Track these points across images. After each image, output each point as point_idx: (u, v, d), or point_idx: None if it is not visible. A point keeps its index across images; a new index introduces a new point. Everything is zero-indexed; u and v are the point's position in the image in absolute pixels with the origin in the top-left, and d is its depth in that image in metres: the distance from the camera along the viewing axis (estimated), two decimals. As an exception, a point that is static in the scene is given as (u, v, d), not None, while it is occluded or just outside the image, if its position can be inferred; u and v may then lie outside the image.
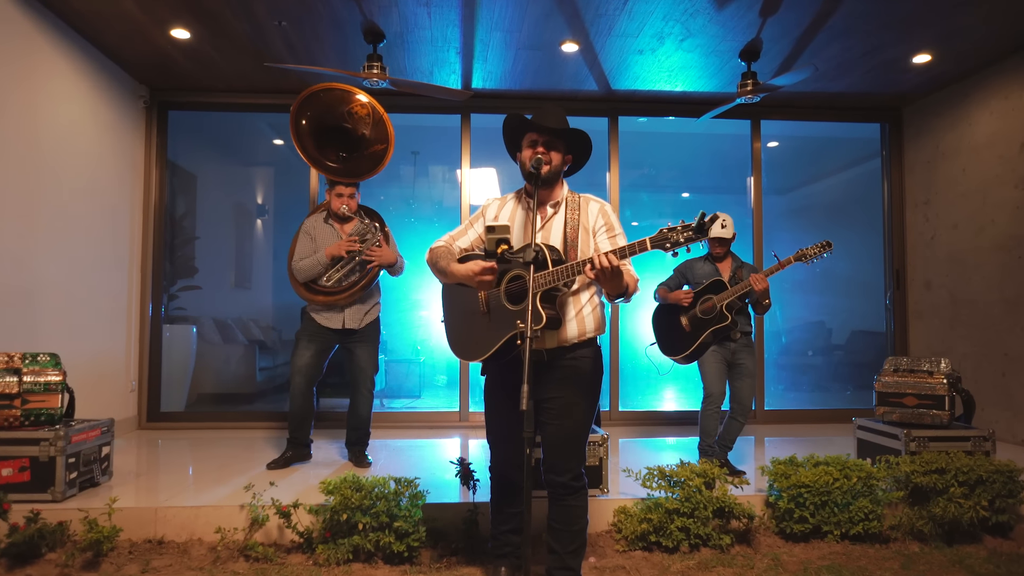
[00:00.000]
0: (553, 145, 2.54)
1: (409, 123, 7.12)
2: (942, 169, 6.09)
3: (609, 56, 5.28)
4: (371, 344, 4.43)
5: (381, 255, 4.28)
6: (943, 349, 6.03)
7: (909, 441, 3.85)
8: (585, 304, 2.58)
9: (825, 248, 3.91)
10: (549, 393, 2.57)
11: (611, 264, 2.24)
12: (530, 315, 2.16)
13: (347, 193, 4.33)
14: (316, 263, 4.23)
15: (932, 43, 5.07)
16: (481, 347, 2.56)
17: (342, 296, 4.26)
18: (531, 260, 2.25)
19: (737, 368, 4.19)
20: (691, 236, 2.13)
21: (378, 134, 4.37)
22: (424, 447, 5.29)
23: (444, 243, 2.74)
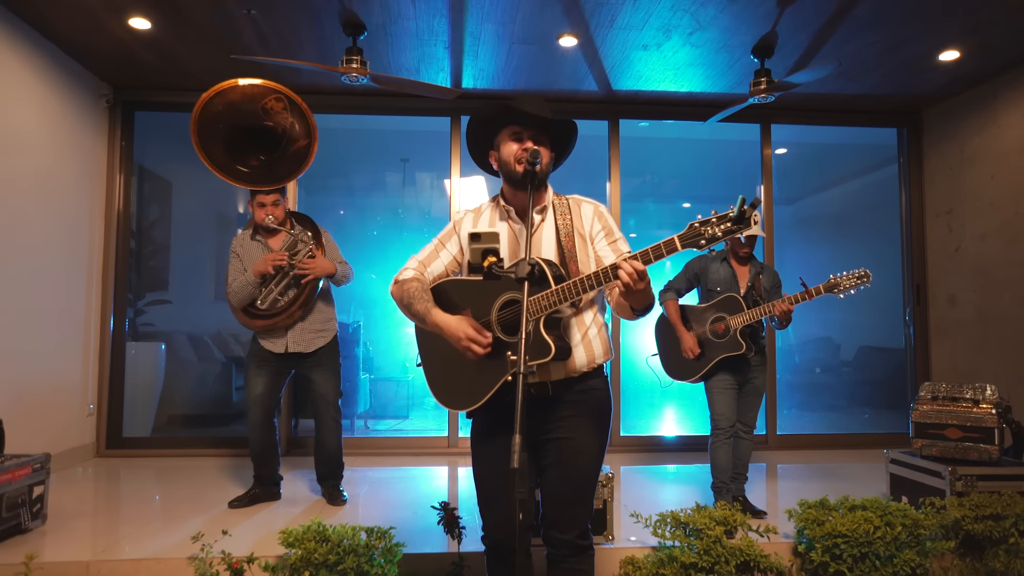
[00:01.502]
0: (540, 139, 2.10)
1: (395, 127, 6.69)
2: (967, 176, 5.67)
3: (611, 52, 4.85)
4: (328, 368, 3.94)
5: (315, 266, 3.78)
6: (971, 370, 5.59)
7: (955, 480, 3.40)
8: (590, 325, 2.14)
9: (862, 280, 3.46)
10: (554, 434, 2.12)
11: (642, 270, 1.81)
12: (523, 345, 1.71)
13: (269, 201, 3.80)
14: (246, 284, 3.76)
15: (961, 37, 4.65)
16: (472, 392, 2.08)
17: (280, 318, 3.79)
18: (525, 276, 1.79)
19: (746, 387, 3.76)
20: (730, 228, 1.71)
21: (299, 127, 3.73)
22: (409, 478, 4.81)
23: (414, 273, 2.23)
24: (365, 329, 7.37)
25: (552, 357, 1.92)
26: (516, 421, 1.63)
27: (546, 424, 2.10)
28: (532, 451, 2.14)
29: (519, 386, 1.67)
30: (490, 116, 2.12)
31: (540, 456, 2.14)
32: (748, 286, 3.75)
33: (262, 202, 3.82)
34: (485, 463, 2.17)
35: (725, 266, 3.81)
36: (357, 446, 5.66)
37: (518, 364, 1.70)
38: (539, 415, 2.09)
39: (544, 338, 1.94)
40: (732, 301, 3.69)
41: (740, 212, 1.70)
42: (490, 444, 2.14)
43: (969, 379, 5.54)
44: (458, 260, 2.25)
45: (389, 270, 4.18)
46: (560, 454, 2.11)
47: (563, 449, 2.10)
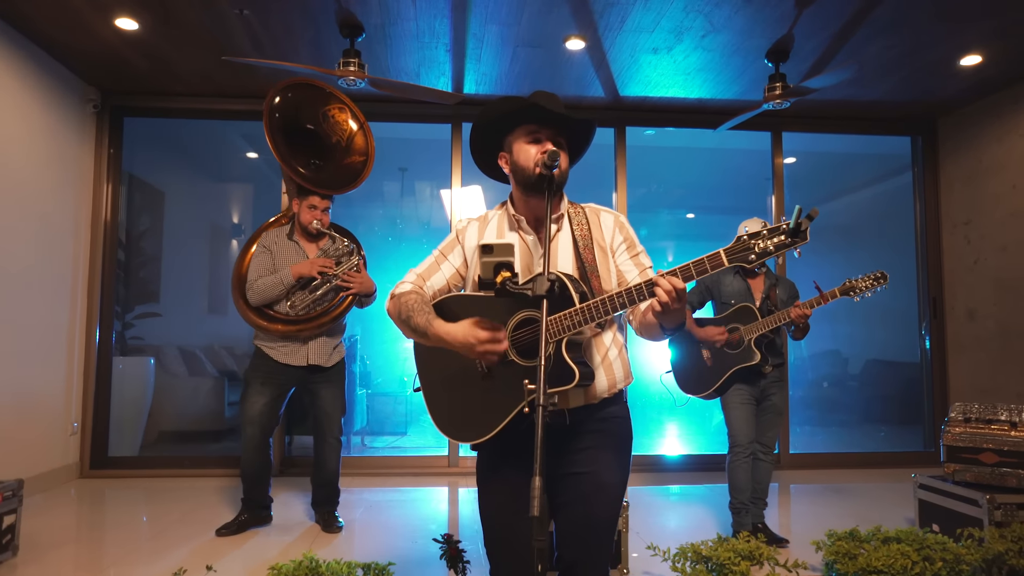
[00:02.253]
0: (558, 141, 1.88)
1: (393, 134, 6.49)
2: (987, 186, 5.48)
3: (619, 55, 4.66)
4: (338, 385, 3.75)
5: (360, 282, 3.64)
6: (991, 387, 5.38)
7: (993, 509, 3.17)
8: (610, 346, 1.91)
9: (879, 281, 3.26)
10: (572, 468, 1.87)
11: (681, 289, 1.60)
12: (542, 372, 1.49)
13: (322, 207, 3.71)
14: (278, 283, 3.57)
15: (985, 41, 4.47)
16: (483, 422, 1.82)
17: (309, 326, 3.60)
18: (544, 293, 1.57)
19: (764, 404, 3.54)
20: (783, 242, 1.51)
21: (358, 145, 3.80)
22: (408, 501, 4.58)
23: (412, 287, 1.97)
24: (362, 343, 7.15)
25: (576, 383, 1.68)
26: (536, 462, 1.41)
27: (563, 457, 1.87)
28: (546, 487, 1.91)
29: (538, 420, 1.45)
30: (504, 112, 1.87)
31: (556, 492, 1.90)
32: (763, 297, 3.56)
33: (314, 205, 3.70)
34: (494, 502, 1.91)
35: (738, 279, 3.61)
36: (354, 465, 5.42)
37: (536, 394, 1.48)
38: (555, 447, 1.86)
39: (567, 362, 1.69)
40: (746, 311, 3.50)
41: (796, 224, 1.48)
42: (500, 480, 1.90)
43: (990, 397, 5.34)
44: (461, 273, 2.02)
45: (386, 283, 3.98)
46: (579, 490, 1.86)
47: (583, 485, 1.86)
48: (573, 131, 1.94)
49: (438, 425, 1.92)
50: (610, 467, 1.88)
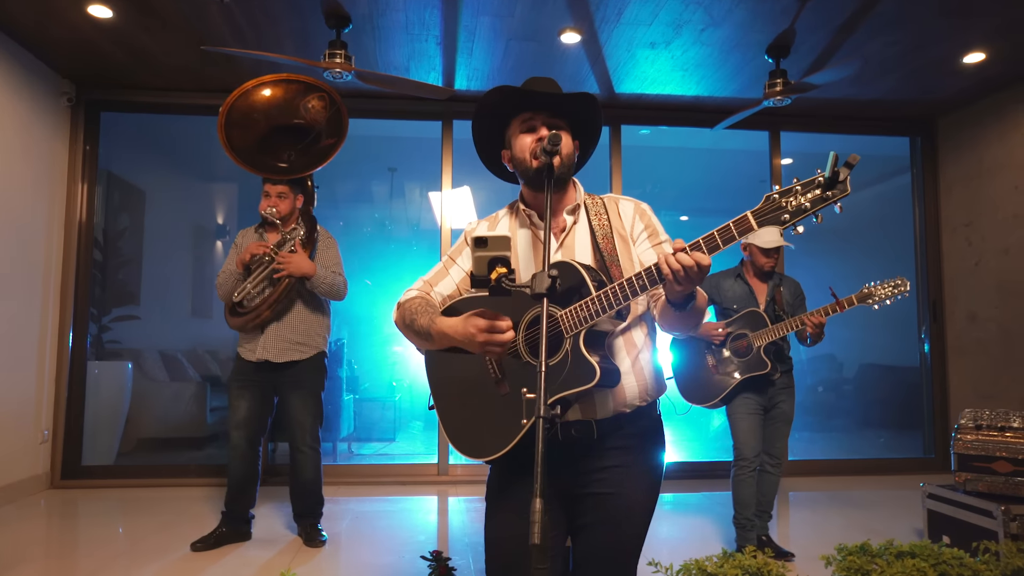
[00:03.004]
0: (556, 125, 1.73)
1: (381, 132, 6.32)
2: (988, 187, 5.37)
3: (616, 50, 4.51)
4: (306, 390, 3.52)
5: (289, 262, 3.38)
6: (993, 392, 5.26)
7: (1009, 520, 3.03)
8: (642, 348, 1.71)
9: (899, 288, 3.11)
10: (596, 487, 1.68)
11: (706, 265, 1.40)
12: (542, 378, 1.33)
13: (274, 192, 3.53)
14: (229, 275, 3.48)
15: (989, 38, 4.36)
16: (499, 434, 1.62)
17: (248, 317, 3.44)
18: (544, 291, 1.41)
19: (772, 412, 3.38)
20: (820, 196, 1.33)
21: (332, 128, 3.59)
22: (395, 511, 4.39)
23: (419, 292, 1.83)
24: (349, 347, 6.96)
25: (597, 381, 1.49)
26: (536, 481, 1.24)
27: (586, 474, 1.67)
28: (566, 506, 1.72)
29: (538, 434, 1.28)
30: (494, 104, 1.74)
31: (576, 513, 1.71)
32: (768, 300, 3.40)
33: (267, 192, 3.54)
34: (503, 525, 1.71)
35: (740, 282, 3.45)
36: (340, 474, 5.23)
37: (536, 405, 1.31)
38: (578, 462, 1.67)
39: (586, 358, 1.51)
40: (755, 316, 3.33)
41: (833, 174, 1.30)
42: (512, 501, 1.70)
43: (992, 402, 5.22)
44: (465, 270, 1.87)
45: (375, 286, 3.81)
46: (604, 513, 1.68)
47: (608, 507, 1.67)
48: (575, 114, 1.77)
49: (455, 443, 1.73)
50: (639, 488, 1.70)
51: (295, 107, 3.63)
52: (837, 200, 1.32)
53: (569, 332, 1.54)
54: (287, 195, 3.54)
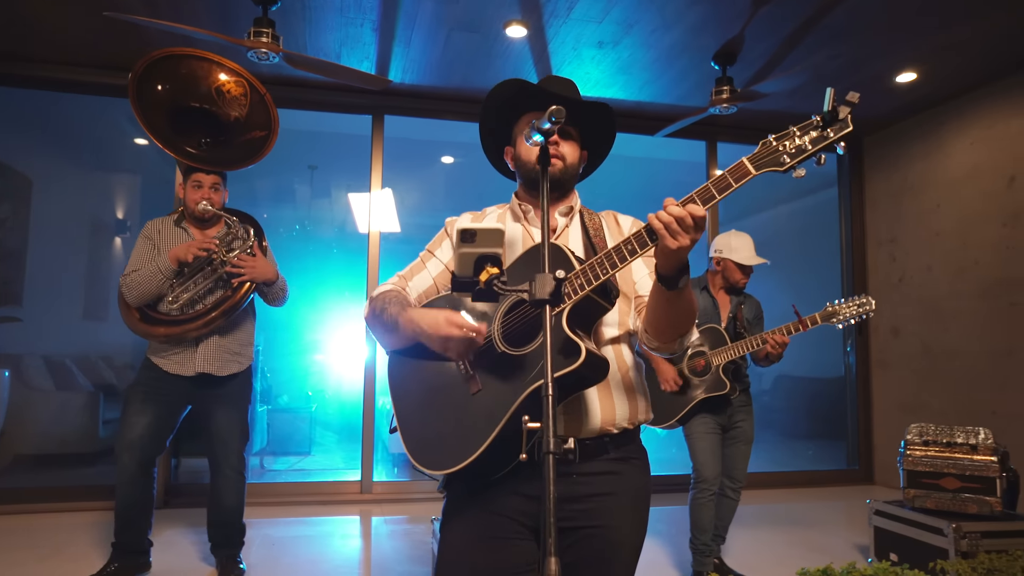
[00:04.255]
0: (566, 132, 1.61)
1: (302, 125, 5.87)
2: (912, 204, 5.52)
3: (561, 47, 4.33)
4: (235, 405, 3.13)
5: (254, 266, 3.02)
6: (915, 404, 5.39)
7: (959, 538, 3.00)
8: (632, 366, 1.56)
9: (864, 307, 3.03)
10: (580, 519, 1.46)
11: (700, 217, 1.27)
12: (550, 405, 1.08)
13: (207, 183, 3.10)
14: (156, 273, 2.94)
15: (922, 58, 4.45)
16: (468, 438, 1.39)
17: (194, 325, 2.97)
18: (547, 296, 1.17)
19: (732, 432, 3.25)
20: (822, 136, 1.24)
21: (258, 118, 3.23)
22: (315, 536, 4.01)
23: (392, 286, 1.66)
24: (264, 356, 6.48)
25: (582, 362, 1.29)
26: (547, 535, 0.99)
27: (566, 503, 1.45)
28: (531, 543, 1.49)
29: (548, 468, 1.04)
30: (506, 97, 1.62)
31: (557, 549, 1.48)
32: (730, 317, 3.27)
33: (199, 182, 3.09)
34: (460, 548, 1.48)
35: (706, 296, 3.32)
36: (253, 494, 4.71)
37: (543, 437, 1.07)
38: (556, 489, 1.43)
39: (570, 337, 1.31)
40: (713, 333, 3.19)
41: (833, 110, 1.22)
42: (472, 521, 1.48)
43: (912, 414, 5.34)
44: (451, 269, 1.66)
45: (293, 291, 3.44)
46: (589, 551, 1.46)
47: (594, 544, 1.46)
48: (589, 123, 1.65)
49: (414, 454, 1.48)
50: (628, 522, 1.50)
51: (206, 91, 3.24)
52: (839, 138, 1.24)
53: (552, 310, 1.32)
54: (219, 187, 3.15)
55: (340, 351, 7.20)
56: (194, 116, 3.21)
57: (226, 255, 3.00)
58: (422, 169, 7.51)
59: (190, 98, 3.20)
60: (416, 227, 7.38)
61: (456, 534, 1.51)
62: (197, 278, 3.02)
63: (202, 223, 3.14)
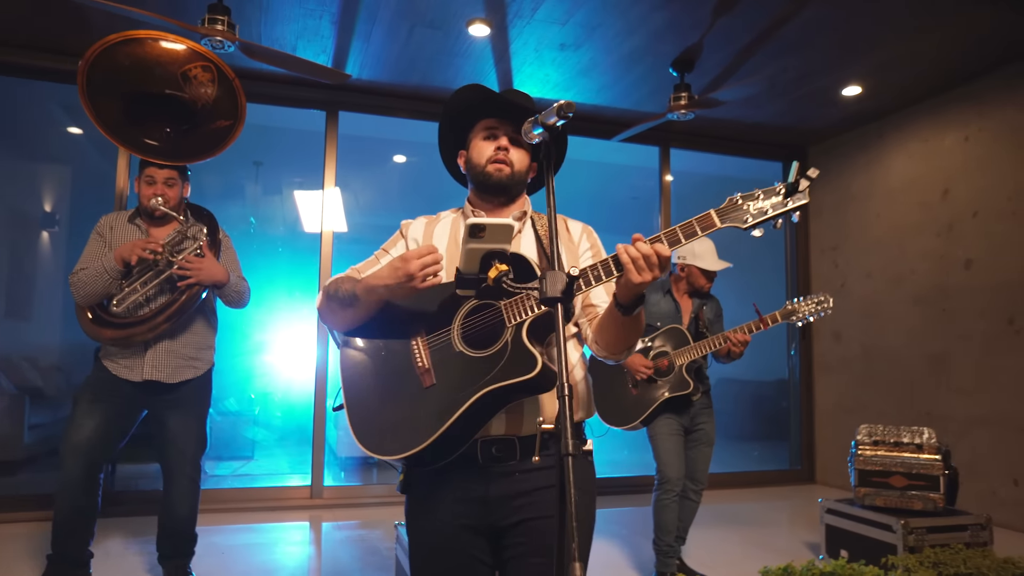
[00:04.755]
0: (516, 141, 1.65)
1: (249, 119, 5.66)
2: (853, 214, 5.74)
3: (523, 48, 4.32)
4: (191, 412, 2.99)
5: (200, 268, 2.87)
6: (855, 405, 5.59)
7: (907, 534, 3.11)
8: (576, 366, 1.60)
9: (822, 305, 3.10)
10: (524, 512, 1.49)
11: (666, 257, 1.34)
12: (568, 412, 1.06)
13: (161, 178, 2.93)
14: (101, 272, 2.78)
15: (866, 73, 4.63)
16: (417, 430, 1.41)
17: (138, 329, 2.82)
18: (559, 295, 1.15)
19: (694, 434, 3.29)
20: (781, 204, 1.34)
21: (225, 105, 3.06)
22: (267, 543, 3.87)
23: (344, 275, 1.66)
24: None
25: (537, 373, 1.35)
26: (571, 539, 0.97)
27: (510, 499, 1.49)
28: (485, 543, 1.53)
29: (568, 477, 1.01)
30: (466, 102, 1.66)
31: (503, 545, 1.52)
32: (692, 318, 3.31)
33: (152, 177, 2.92)
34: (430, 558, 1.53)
35: (668, 299, 3.35)
36: (194, 501, 4.58)
37: (561, 440, 1.05)
38: (499, 486, 1.50)
39: (528, 348, 1.38)
40: (676, 333, 3.23)
41: (795, 182, 1.31)
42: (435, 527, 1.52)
43: (853, 416, 5.54)
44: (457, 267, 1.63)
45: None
46: (538, 538, 1.48)
47: (542, 531, 1.47)
48: None
49: (362, 438, 1.49)
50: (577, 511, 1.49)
51: (171, 76, 3.08)
52: (796, 209, 1.34)
53: (511, 321, 1.43)
54: (176, 182, 2.97)
55: (288, 352, 7.00)
56: (153, 105, 3.01)
57: (173, 256, 2.84)
58: (374, 168, 7.39)
59: (153, 85, 2.99)
60: (369, 227, 7.25)
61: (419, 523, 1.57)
62: (146, 278, 2.86)
63: (157, 220, 2.98)
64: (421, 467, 1.50)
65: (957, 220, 4.86)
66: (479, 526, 1.50)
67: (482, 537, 1.52)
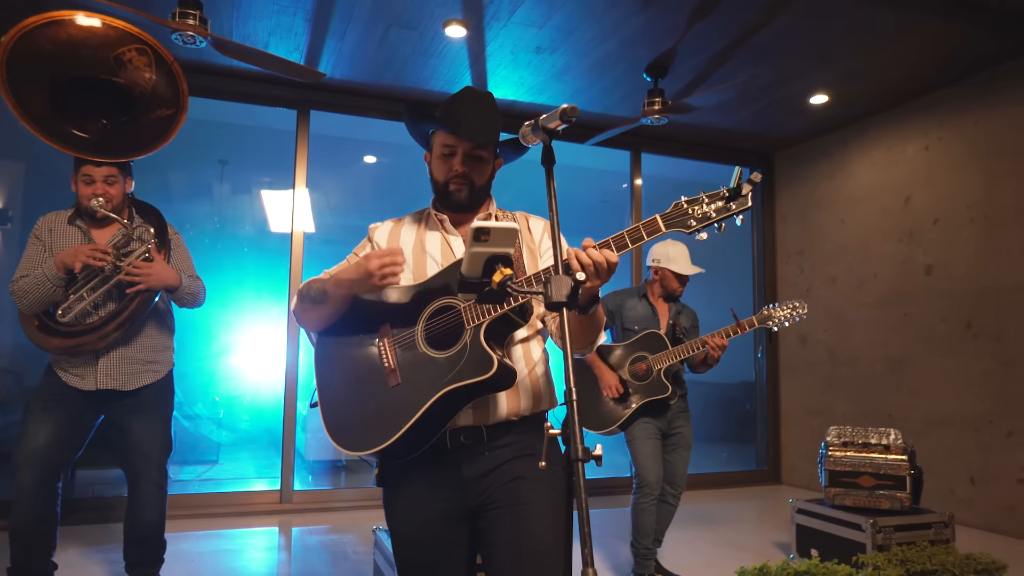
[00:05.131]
0: (477, 152, 1.65)
1: (208, 116, 5.52)
2: (818, 219, 5.87)
3: (499, 50, 4.32)
4: (154, 416, 2.87)
5: (150, 273, 2.73)
6: (820, 407, 5.72)
7: (876, 532, 3.19)
8: (538, 363, 1.66)
9: (797, 311, 3.15)
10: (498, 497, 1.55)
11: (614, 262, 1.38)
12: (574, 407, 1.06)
13: (100, 176, 2.75)
14: (43, 280, 2.63)
15: (834, 82, 4.75)
16: (383, 427, 1.50)
17: (88, 338, 2.68)
18: (564, 299, 1.16)
19: (672, 438, 3.32)
20: (724, 208, 1.39)
21: (164, 92, 2.83)
22: (236, 549, 3.79)
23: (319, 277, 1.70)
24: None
25: (494, 373, 1.43)
26: (584, 544, 0.97)
27: (482, 477, 1.56)
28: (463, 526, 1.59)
29: (579, 476, 1.01)
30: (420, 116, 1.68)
31: (481, 530, 1.57)
32: (670, 324, 3.35)
33: (90, 176, 2.73)
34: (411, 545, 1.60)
35: (644, 303, 3.38)
36: (159, 507, 4.46)
37: (571, 446, 1.05)
38: (470, 474, 1.56)
39: (486, 350, 1.46)
40: (654, 338, 3.25)
41: (737, 187, 1.37)
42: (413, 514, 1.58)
43: (818, 418, 5.66)
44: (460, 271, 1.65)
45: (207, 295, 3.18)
46: (510, 527, 1.52)
47: (513, 519, 1.52)
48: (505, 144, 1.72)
49: (335, 435, 1.58)
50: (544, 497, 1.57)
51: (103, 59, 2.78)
52: (739, 212, 1.39)
53: (470, 323, 1.49)
54: (116, 179, 2.79)
55: (256, 355, 6.87)
56: (86, 94, 2.77)
57: (120, 260, 2.69)
58: (345, 168, 7.30)
59: (82, 70, 2.75)
60: (340, 228, 7.15)
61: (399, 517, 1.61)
62: (92, 285, 2.70)
63: (97, 221, 2.82)
64: (395, 459, 1.56)
65: (918, 227, 5.01)
66: (455, 508, 1.56)
67: (460, 520, 1.57)
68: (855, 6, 3.74)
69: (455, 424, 1.53)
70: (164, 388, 2.93)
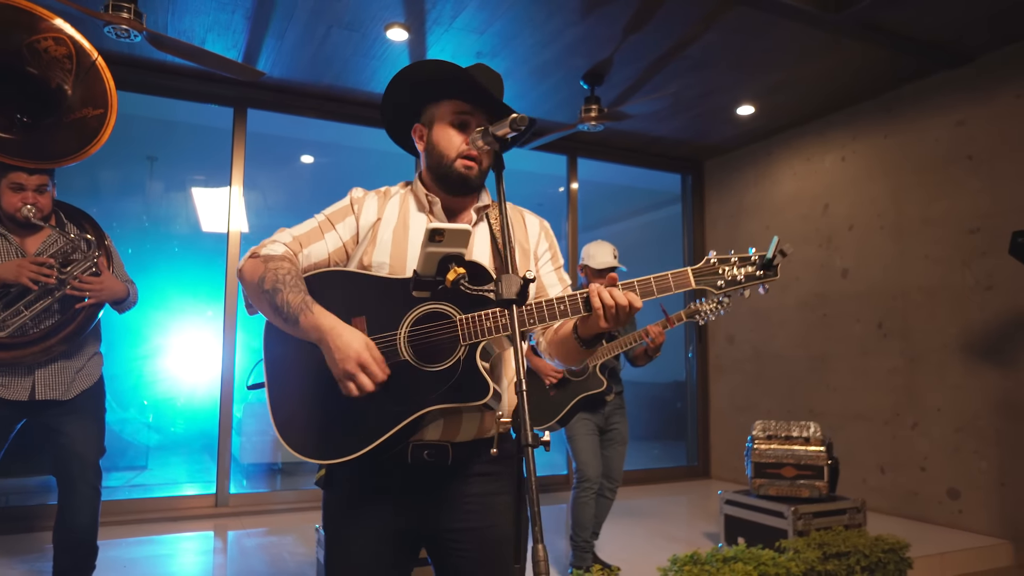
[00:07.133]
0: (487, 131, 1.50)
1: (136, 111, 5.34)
2: (745, 225, 6.15)
3: (440, 54, 4.37)
4: (88, 416, 2.79)
5: (101, 288, 2.65)
6: (746, 404, 5.99)
7: (796, 519, 3.40)
8: (503, 378, 1.57)
9: (722, 304, 3.33)
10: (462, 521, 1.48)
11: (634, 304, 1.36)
12: (526, 411, 1.14)
13: (31, 185, 2.60)
14: None
15: (761, 93, 5.00)
16: (353, 434, 1.37)
17: (31, 351, 2.58)
18: (514, 297, 1.23)
19: (609, 434, 3.45)
20: (752, 274, 1.41)
21: (88, 90, 2.68)
22: (171, 554, 3.72)
23: (286, 251, 1.50)
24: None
25: (488, 399, 1.35)
26: (534, 524, 1.05)
27: (449, 507, 1.49)
28: (428, 547, 1.54)
29: (528, 466, 1.09)
30: (435, 74, 1.50)
31: (442, 553, 1.51)
32: None
33: (18, 183, 2.59)
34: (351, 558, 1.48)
35: None
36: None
37: (521, 432, 1.12)
38: (434, 494, 1.49)
39: (481, 373, 1.35)
40: (591, 334, 3.37)
41: (771, 259, 1.38)
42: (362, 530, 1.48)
43: (745, 414, 5.93)
44: (348, 250, 1.56)
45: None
46: (477, 551, 1.48)
47: (481, 542, 1.48)
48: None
49: (285, 436, 1.43)
50: (509, 519, 1.51)
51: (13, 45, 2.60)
52: (766, 281, 1.41)
53: (466, 340, 1.37)
54: (47, 188, 2.65)
55: (189, 357, 6.69)
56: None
57: (64, 274, 2.59)
58: (281, 167, 7.21)
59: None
60: (277, 228, 7.02)
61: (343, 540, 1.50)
62: (29, 299, 2.58)
63: (25, 228, 2.69)
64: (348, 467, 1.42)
65: (835, 233, 5.32)
66: (408, 531, 1.48)
67: (408, 541, 1.51)
68: (778, 25, 3.97)
69: (420, 438, 1.43)
70: (97, 391, 2.86)
